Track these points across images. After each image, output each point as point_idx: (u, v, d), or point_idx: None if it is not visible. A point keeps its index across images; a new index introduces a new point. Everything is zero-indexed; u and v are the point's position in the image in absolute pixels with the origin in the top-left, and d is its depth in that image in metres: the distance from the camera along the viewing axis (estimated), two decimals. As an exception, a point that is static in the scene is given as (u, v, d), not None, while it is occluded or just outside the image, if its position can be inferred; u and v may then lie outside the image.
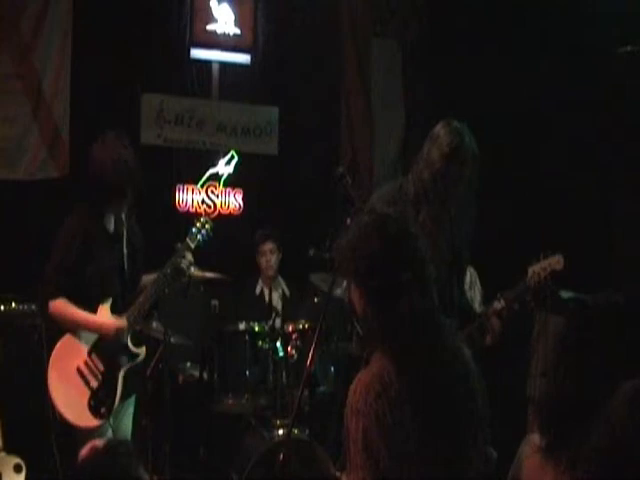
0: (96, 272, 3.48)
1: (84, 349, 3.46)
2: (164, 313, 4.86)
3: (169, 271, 3.64)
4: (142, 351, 3.64)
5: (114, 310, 3.53)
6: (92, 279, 3.48)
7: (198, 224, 3.79)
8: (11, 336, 4.48)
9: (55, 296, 3.41)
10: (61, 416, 3.40)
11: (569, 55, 5.62)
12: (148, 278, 3.74)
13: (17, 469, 4.25)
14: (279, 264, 5.61)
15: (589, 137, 5.63)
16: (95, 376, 3.45)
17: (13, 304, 4.62)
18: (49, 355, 3.48)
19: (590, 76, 5.50)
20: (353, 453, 2.07)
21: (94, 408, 3.41)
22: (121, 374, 3.52)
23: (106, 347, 3.50)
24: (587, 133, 5.62)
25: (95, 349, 3.48)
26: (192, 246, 3.74)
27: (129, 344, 3.57)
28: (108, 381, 3.48)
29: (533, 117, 5.89)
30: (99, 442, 2.20)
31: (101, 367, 3.48)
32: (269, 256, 5.54)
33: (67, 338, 3.46)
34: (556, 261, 3.37)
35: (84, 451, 2.23)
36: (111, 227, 3.59)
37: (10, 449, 4.31)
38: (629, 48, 4.84)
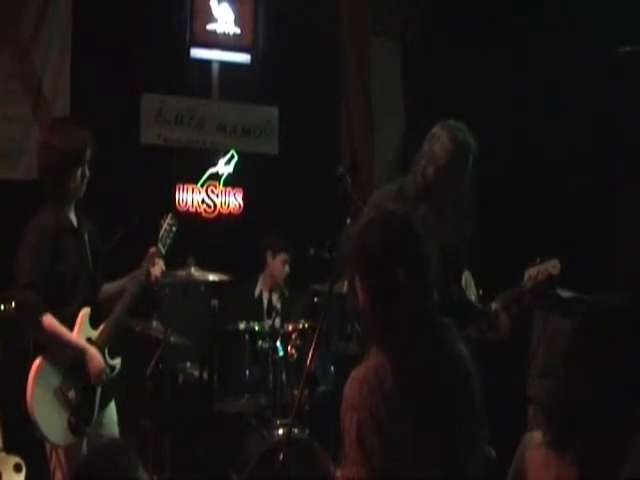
0: (67, 271, 3.38)
1: (63, 366, 3.36)
2: (164, 313, 4.88)
3: (143, 279, 3.59)
4: (118, 363, 3.56)
5: (90, 320, 3.45)
6: (64, 279, 3.37)
7: (166, 227, 3.74)
8: (11, 336, 4.47)
9: (44, 309, 3.26)
10: (43, 437, 3.30)
11: (569, 55, 5.62)
12: (110, 286, 3.66)
13: (17, 469, 4.25)
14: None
15: (589, 137, 5.63)
16: (75, 392, 3.36)
17: (13, 304, 4.61)
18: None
19: (590, 76, 5.49)
20: (348, 447, 2.07)
21: (74, 425, 3.33)
22: (99, 388, 3.46)
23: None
24: (587, 133, 5.62)
25: (75, 366, 3.38)
26: (163, 252, 3.70)
27: (106, 357, 3.50)
28: (88, 397, 3.41)
29: (533, 117, 5.89)
30: None
31: (81, 383, 3.39)
32: (284, 267, 5.55)
33: (44, 356, 3.32)
34: (552, 265, 3.37)
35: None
36: (75, 222, 3.50)
37: (10, 449, 4.31)
38: (629, 48, 4.84)
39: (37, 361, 3.32)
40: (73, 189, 3.45)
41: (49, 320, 3.27)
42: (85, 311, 3.42)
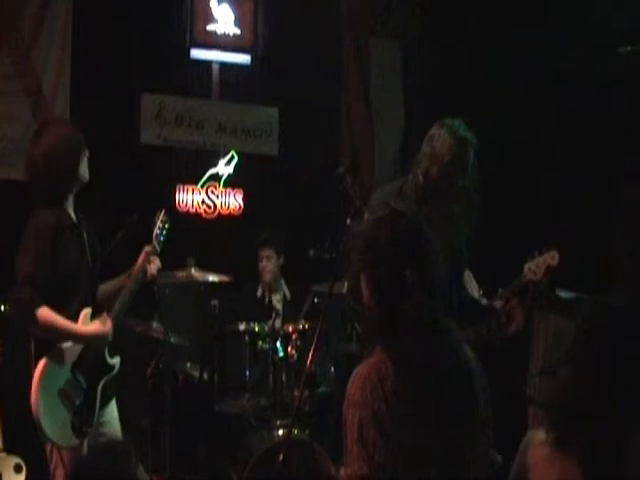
0: (68, 271, 3.35)
1: (67, 368, 3.33)
2: (164, 314, 4.88)
3: (140, 278, 3.57)
4: (117, 362, 3.54)
5: (91, 320, 3.41)
6: (64, 279, 3.34)
7: (159, 224, 3.73)
8: (11, 336, 4.47)
9: (39, 303, 3.22)
10: (48, 438, 3.26)
11: (569, 55, 5.62)
12: (107, 285, 3.63)
13: (17, 469, 4.26)
14: (279, 269, 5.57)
15: (589, 137, 5.63)
16: (78, 394, 3.34)
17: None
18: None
19: (590, 76, 5.50)
20: (349, 445, 2.07)
21: (77, 426, 3.31)
22: (99, 388, 3.44)
23: (88, 363, 3.39)
24: (587, 133, 5.62)
25: (77, 366, 3.36)
26: (158, 249, 3.68)
27: (107, 356, 3.48)
28: (89, 397, 3.39)
29: (533, 116, 5.89)
30: None
31: (84, 384, 3.37)
32: (265, 262, 5.49)
33: (48, 358, 3.29)
34: (551, 257, 3.38)
35: None
36: (74, 219, 3.48)
37: (10, 449, 4.32)
38: (629, 48, 4.84)
39: (41, 363, 3.30)
40: (82, 172, 3.45)
41: (45, 313, 3.23)
42: (86, 311, 3.41)
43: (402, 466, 2.03)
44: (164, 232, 3.75)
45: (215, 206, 6.42)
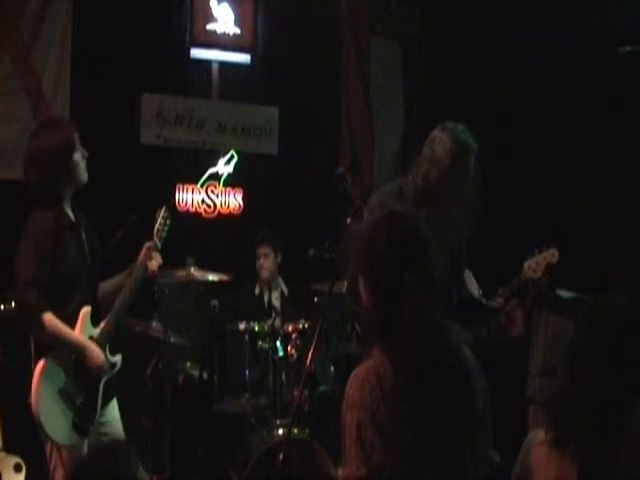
0: (68, 270, 3.36)
1: (67, 366, 3.34)
2: (164, 313, 4.88)
3: (141, 275, 3.58)
4: (118, 359, 3.54)
5: (91, 318, 3.43)
6: (65, 278, 3.34)
7: (160, 220, 3.73)
8: (11, 336, 4.47)
9: (45, 308, 3.23)
10: (49, 437, 3.28)
11: (569, 55, 5.62)
12: (107, 283, 3.64)
13: (17, 469, 4.26)
14: (277, 267, 5.57)
15: (589, 137, 5.63)
16: (79, 392, 3.35)
17: (13, 304, 4.61)
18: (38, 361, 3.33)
19: (590, 76, 5.50)
20: (348, 445, 2.07)
21: (79, 425, 3.32)
22: (101, 386, 3.45)
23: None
24: (587, 133, 5.62)
25: (78, 365, 3.36)
26: (159, 246, 3.69)
27: (107, 354, 3.48)
28: (91, 395, 3.40)
29: (533, 116, 5.89)
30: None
31: (85, 382, 3.37)
32: (263, 260, 5.50)
33: (48, 357, 3.30)
34: (551, 254, 3.38)
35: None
36: (72, 218, 3.48)
37: (10, 449, 4.32)
38: (629, 48, 4.84)
39: (41, 362, 3.31)
40: (80, 174, 3.45)
41: (50, 319, 3.25)
42: (86, 310, 3.42)
43: (401, 466, 2.03)
44: (165, 228, 3.75)
45: (215, 205, 6.43)
